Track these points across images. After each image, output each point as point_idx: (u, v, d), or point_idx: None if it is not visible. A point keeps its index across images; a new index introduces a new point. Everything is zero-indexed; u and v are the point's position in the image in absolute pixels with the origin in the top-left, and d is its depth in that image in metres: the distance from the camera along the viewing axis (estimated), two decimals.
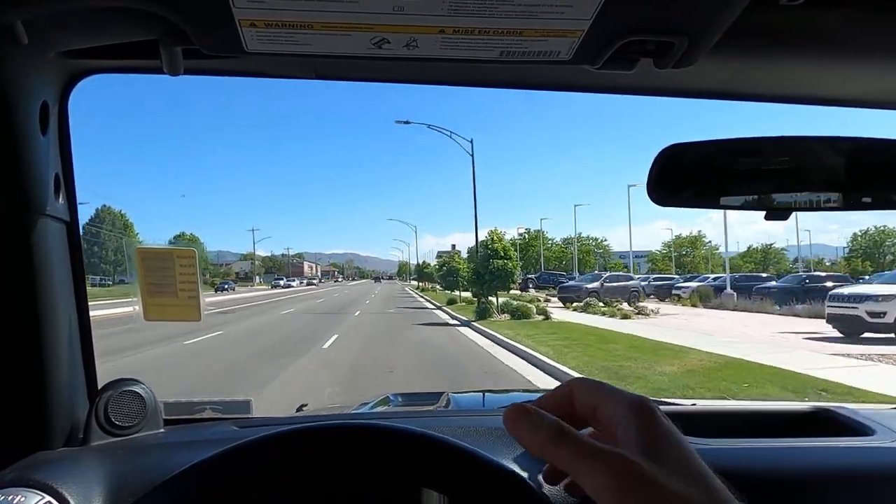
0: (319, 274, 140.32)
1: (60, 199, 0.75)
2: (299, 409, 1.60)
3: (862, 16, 0.59)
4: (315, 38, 0.52)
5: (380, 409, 1.60)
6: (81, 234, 0.83)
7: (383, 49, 0.55)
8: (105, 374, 0.86)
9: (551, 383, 6.88)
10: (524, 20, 0.50)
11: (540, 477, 0.42)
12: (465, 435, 0.80)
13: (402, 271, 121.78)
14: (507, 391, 2.03)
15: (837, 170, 0.68)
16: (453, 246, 35.29)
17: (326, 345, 10.70)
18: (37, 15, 0.55)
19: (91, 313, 0.84)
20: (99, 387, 0.82)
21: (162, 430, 0.84)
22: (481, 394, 1.88)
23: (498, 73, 0.75)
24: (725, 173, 0.71)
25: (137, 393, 0.82)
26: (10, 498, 0.60)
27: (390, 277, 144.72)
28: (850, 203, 0.68)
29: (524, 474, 0.50)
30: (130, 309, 0.88)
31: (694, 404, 1.07)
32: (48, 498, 0.61)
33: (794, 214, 0.69)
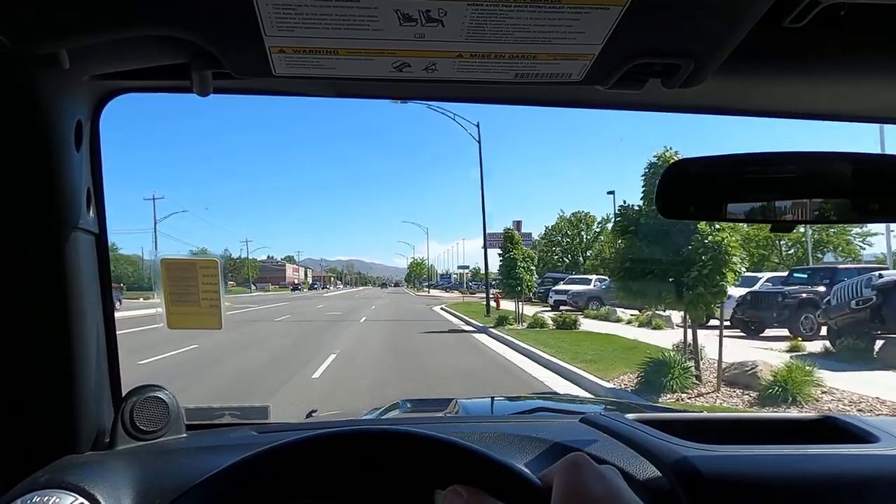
0: (310, 279, 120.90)
1: (91, 213, 0.78)
2: (309, 416, 1.62)
3: (860, 35, 0.62)
4: (340, 62, 0.55)
5: (390, 414, 1.61)
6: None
7: (403, 72, 0.57)
8: None
9: (564, 387, 6.74)
10: (538, 45, 0.53)
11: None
12: (475, 440, 0.82)
13: (414, 275, 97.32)
14: (517, 398, 2.04)
15: (835, 184, 0.70)
16: (518, 223, 23.33)
17: None
18: (79, 44, 0.58)
19: None
20: (124, 393, 0.85)
21: (184, 435, 0.86)
22: (490, 399, 1.89)
23: (511, 92, 0.78)
24: (728, 187, 0.73)
25: (161, 399, 0.84)
26: (45, 499, 0.63)
27: (396, 284, 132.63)
28: (850, 215, 0.70)
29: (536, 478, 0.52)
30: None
31: (702, 412, 1.08)
32: (81, 499, 0.64)
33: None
